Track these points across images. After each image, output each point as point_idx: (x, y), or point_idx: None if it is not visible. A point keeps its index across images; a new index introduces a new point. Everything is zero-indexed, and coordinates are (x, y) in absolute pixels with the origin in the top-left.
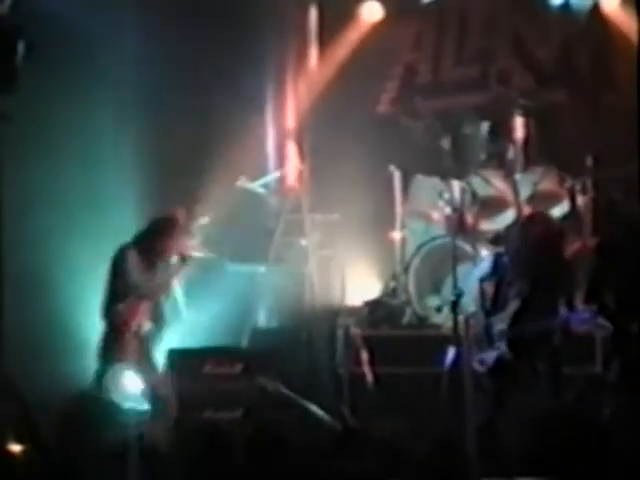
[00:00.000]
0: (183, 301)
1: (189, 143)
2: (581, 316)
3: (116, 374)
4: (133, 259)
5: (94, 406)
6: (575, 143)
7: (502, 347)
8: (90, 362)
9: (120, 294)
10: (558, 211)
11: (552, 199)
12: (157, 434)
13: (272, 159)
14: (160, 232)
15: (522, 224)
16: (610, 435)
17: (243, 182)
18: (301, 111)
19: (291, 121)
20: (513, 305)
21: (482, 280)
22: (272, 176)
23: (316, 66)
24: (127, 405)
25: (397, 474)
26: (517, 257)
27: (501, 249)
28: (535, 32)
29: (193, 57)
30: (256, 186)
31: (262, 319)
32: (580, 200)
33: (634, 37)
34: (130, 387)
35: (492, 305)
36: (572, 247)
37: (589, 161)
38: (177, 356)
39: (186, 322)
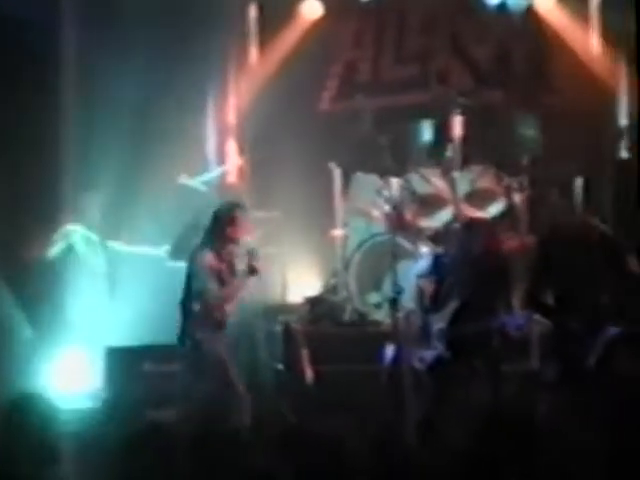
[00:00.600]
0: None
1: (127, 140)
2: (517, 321)
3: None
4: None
5: (32, 407)
6: (512, 141)
7: (441, 346)
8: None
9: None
10: (495, 209)
11: (489, 197)
12: (99, 433)
13: (213, 156)
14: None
15: (463, 227)
16: (545, 432)
17: (184, 179)
18: (242, 108)
19: (232, 118)
20: (452, 305)
21: (420, 278)
22: (213, 173)
23: (257, 63)
24: (69, 405)
25: (337, 470)
26: (458, 259)
27: (440, 248)
28: (473, 31)
29: (133, 54)
30: (197, 183)
31: None
32: (517, 198)
33: (570, 37)
34: (74, 386)
35: (431, 304)
36: (509, 245)
37: (525, 160)
38: (116, 354)
39: (125, 320)
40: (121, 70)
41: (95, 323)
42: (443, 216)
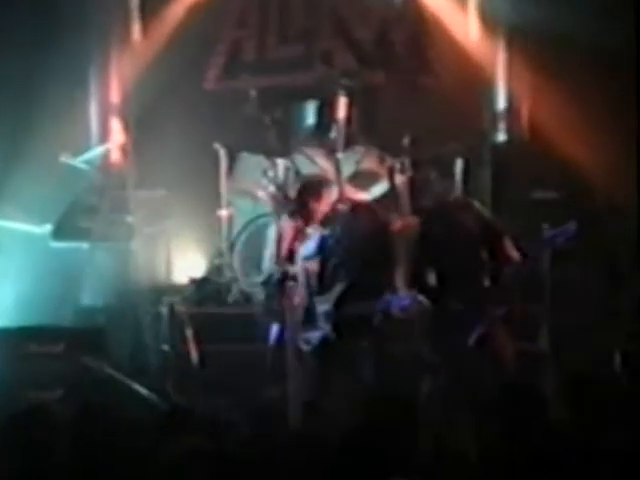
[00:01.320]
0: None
1: (8, 117)
2: (402, 302)
3: None
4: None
5: None
6: (394, 123)
7: (327, 327)
8: None
9: None
10: (378, 190)
11: (373, 178)
12: None
13: (96, 134)
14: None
15: (350, 210)
16: (427, 413)
17: (65, 158)
18: (126, 86)
19: (115, 96)
20: (339, 287)
21: (306, 259)
22: (96, 152)
23: (140, 40)
24: None
25: (222, 451)
26: (344, 240)
27: (326, 229)
28: (355, 13)
29: (12, 28)
30: (79, 162)
31: (86, 297)
32: (399, 179)
33: (450, 22)
34: None
35: (317, 285)
36: (392, 226)
37: (406, 141)
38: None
39: (7, 300)
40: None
41: None
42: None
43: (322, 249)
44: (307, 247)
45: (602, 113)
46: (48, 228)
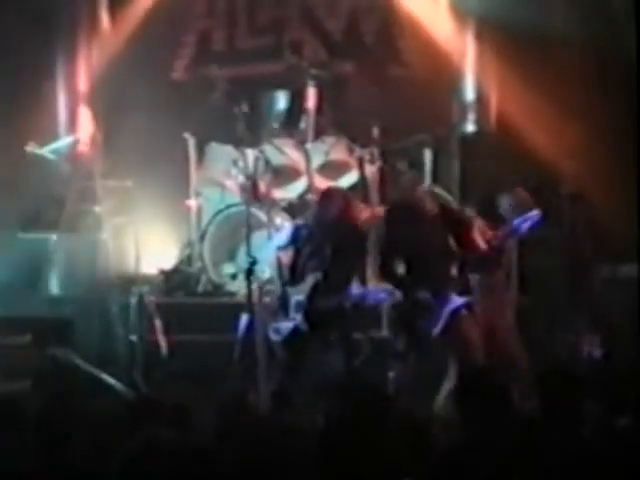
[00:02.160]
0: None
1: None
2: (377, 296)
3: None
4: None
5: None
6: (363, 114)
7: (298, 318)
8: None
9: None
10: (347, 180)
11: (342, 168)
12: None
13: (63, 124)
14: None
15: (319, 198)
16: (392, 400)
17: (32, 148)
18: (94, 75)
19: (83, 85)
20: (312, 277)
21: (279, 249)
22: (63, 142)
23: (109, 29)
24: None
25: (190, 440)
26: (315, 230)
27: (299, 220)
28: (324, 3)
29: None
30: (46, 152)
31: (54, 288)
32: (368, 170)
33: (420, 13)
34: None
35: (289, 275)
36: (362, 216)
37: (375, 132)
38: None
39: None
40: None
41: None
42: (297, 187)
43: (295, 239)
44: (280, 237)
45: (570, 104)
46: (16, 219)
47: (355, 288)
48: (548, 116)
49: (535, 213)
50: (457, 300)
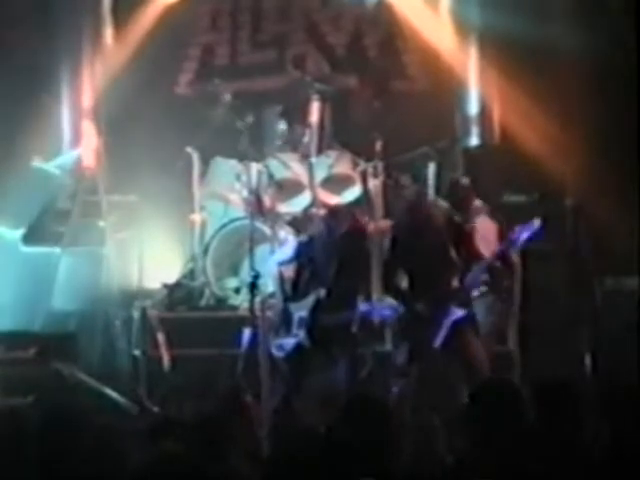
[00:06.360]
0: None
1: None
2: (383, 312)
3: None
4: None
5: None
6: (367, 127)
7: (301, 334)
8: None
9: None
10: (351, 194)
11: (346, 182)
12: None
13: (67, 139)
14: None
15: (326, 214)
16: (394, 414)
17: (37, 162)
18: (98, 90)
19: (87, 100)
20: (315, 293)
21: (282, 264)
22: (67, 156)
23: (113, 44)
24: None
25: (193, 455)
26: (320, 246)
27: (302, 234)
28: (328, 18)
29: None
30: (51, 166)
31: (58, 302)
32: (371, 183)
33: (423, 27)
34: None
35: (292, 291)
36: (366, 230)
37: (378, 145)
38: None
39: None
40: None
41: None
42: (301, 201)
43: (298, 254)
44: (283, 252)
45: (573, 117)
46: (20, 232)
47: (361, 305)
48: (551, 129)
49: (535, 222)
50: (458, 312)
